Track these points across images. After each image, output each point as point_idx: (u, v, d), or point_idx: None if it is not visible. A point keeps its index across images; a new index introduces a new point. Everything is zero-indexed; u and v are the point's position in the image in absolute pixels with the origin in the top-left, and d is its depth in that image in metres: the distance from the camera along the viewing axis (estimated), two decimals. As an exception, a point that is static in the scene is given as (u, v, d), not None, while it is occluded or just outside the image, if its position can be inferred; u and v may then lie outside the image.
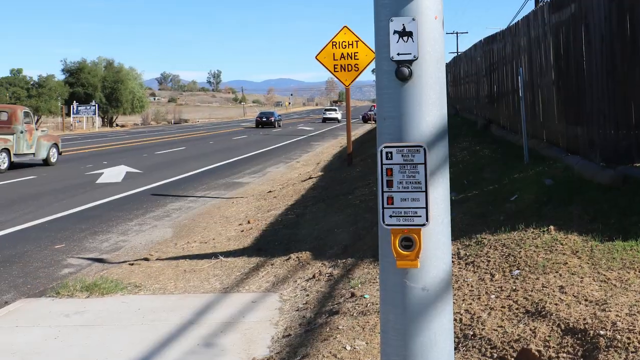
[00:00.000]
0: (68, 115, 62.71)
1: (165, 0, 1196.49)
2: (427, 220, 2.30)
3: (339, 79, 14.89)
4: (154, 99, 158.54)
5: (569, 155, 8.15)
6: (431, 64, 2.30)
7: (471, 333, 4.11)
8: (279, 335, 5.09)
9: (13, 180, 17.13)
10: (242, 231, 9.48)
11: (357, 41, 14.53)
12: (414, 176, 2.30)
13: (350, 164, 15.79)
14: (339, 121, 70.13)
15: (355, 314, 4.96)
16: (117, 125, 74.16)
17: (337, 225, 8.71)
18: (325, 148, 28.92)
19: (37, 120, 23.57)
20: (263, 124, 61.31)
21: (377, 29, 2.35)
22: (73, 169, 20.35)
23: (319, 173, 16.44)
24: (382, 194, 2.34)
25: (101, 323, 5.59)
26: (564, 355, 3.58)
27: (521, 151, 9.30)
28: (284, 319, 5.49)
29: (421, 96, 2.29)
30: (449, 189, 2.39)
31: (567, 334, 3.74)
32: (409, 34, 2.28)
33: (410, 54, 2.28)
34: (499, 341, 3.89)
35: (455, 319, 4.26)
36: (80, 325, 5.55)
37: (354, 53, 14.51)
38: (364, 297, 5.27)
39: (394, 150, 2.31)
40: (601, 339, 3.55)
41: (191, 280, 6.96)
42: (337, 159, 20.65)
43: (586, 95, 7.54)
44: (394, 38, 2.28)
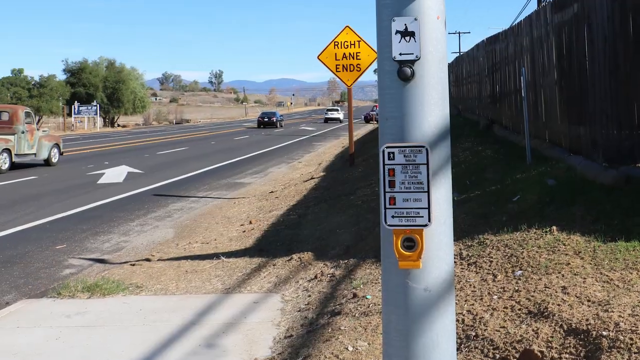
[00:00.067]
0: (69, 115, 62.73)
1: (165, 0, 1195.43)
2: (429, 220, 2.29)
3: (341, 79, 14.88)
4: (156, 99, 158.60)
5: (571, 155, 8.13)
6: (433, 64, 2.30)
7: (473, 334, 4.09)
8: (281, 336, 5.08)
9: (14, 181, 17.14)
10: (244, 231, 9.47)
11: (359, 41, 14.52)
12: (416, 176, 2.30)
13: (352, 164, 15.77)
14: (340, 121, 70.07)
15: (357, 314, 4.95)
16: (118, 125, 74.21)
17: (339, 225, 8.70)
18: (327, 148, 28.91)
19: (39, 120, 23.60)
20: (265, 124, 61.32)
21: (379, 29, 2.34)
22: (74, 169, 20.36)
23: (320, 173, 16.43)
24: (384, 194, 2.33)
25: (102, 324, 5.59)
26: (567, 356, 3.57)
27: (524, 151, 9.29)
28: (285, 319, 5.48)
29: (423, 96, 2.29)
30: (451, 189, 2.38)
31: (570, 335, 3.72)
32: (411, 34, 2.27)
33: (413, 54, 2.27)
34: (501, 342, 3.88)
35: (457, 320, 4.25)
36: (82, 326, 5.54)
37: (356, 53, 14.49)
38: (366, 298, 5.26)
39: (396, 151, 2.30)
40: (604, 339, 3.54)
41: (193, 281, 6.95)
42: (339, 159, 20.64)
43: (589, 95, 7.52)
44: (396, 38, 2.28)
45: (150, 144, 34.81)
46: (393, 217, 2.32)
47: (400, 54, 2.28)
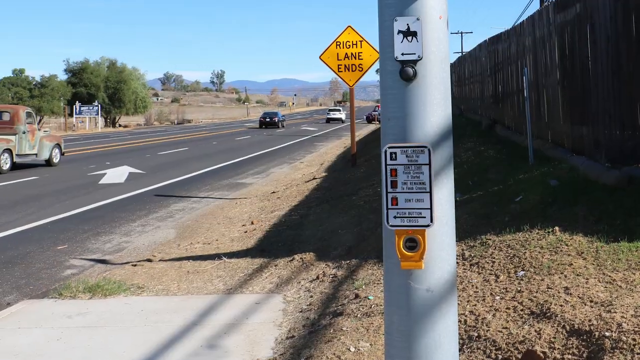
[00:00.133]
0: (71, 115, 62.79)
1: (165, 0, 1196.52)
2: (431, 221, 2.29)
3: (342, 79, 14.86)
4: (157, 99, 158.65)
5: (574, 155, 8.11)
6: (435, 64, 2.29)
7: (476, 334, 4.08)
8: (283, 337, 5.07)
9: (15, 181, 17.15)
10: (246, 232, 9.46)
11: (361, 41, 14.51)
12: (418, 177, 2.29)
13: (354, 165, 15.77)
14: (342, 121, 70.05)
15: (359, 315, 4.94)
16: (120, 125, 74.28)
17: (341, 226, 8.69)
18: (329, 148, 28.90)
19: (40, 120, 23.62)
20: (267, 124, 61.34)
21: (381, 29, 2.33)
22: (76, 169, 20.36)
23: (322, 174, 16.42)
24: (386, 194, 2.33)
25: (104, 324, 5.58)
26: (569, 356, 3.56)
27: (526, 152, 9.27)
28: (287, 320, 5.47)
29: (425, 96, 2.28)
30: (453, 189, 2.37)
31: (573, 336, 3.71)
32: (413, 33, 2.26)
33: (415, 54, 2.26)
34: (503, 343, 3.87)
35: (459, 320, 4.23)
36: (83, 327, 5.53)
37: (358, 53, 14.48)
38: (368, 299, 5.25)
39: (398, 151, 2.29)
40: (606, 340, 3.52)
41: (194, 282, 6.94)
42: (341, 159, 20.63)
43: (591, 95, 7.51)
44: (398, 38, 2.27)
45: (151, 144, 34.82)
46: (395, 217, 2.31)
47: (403, 54, 2.27)
